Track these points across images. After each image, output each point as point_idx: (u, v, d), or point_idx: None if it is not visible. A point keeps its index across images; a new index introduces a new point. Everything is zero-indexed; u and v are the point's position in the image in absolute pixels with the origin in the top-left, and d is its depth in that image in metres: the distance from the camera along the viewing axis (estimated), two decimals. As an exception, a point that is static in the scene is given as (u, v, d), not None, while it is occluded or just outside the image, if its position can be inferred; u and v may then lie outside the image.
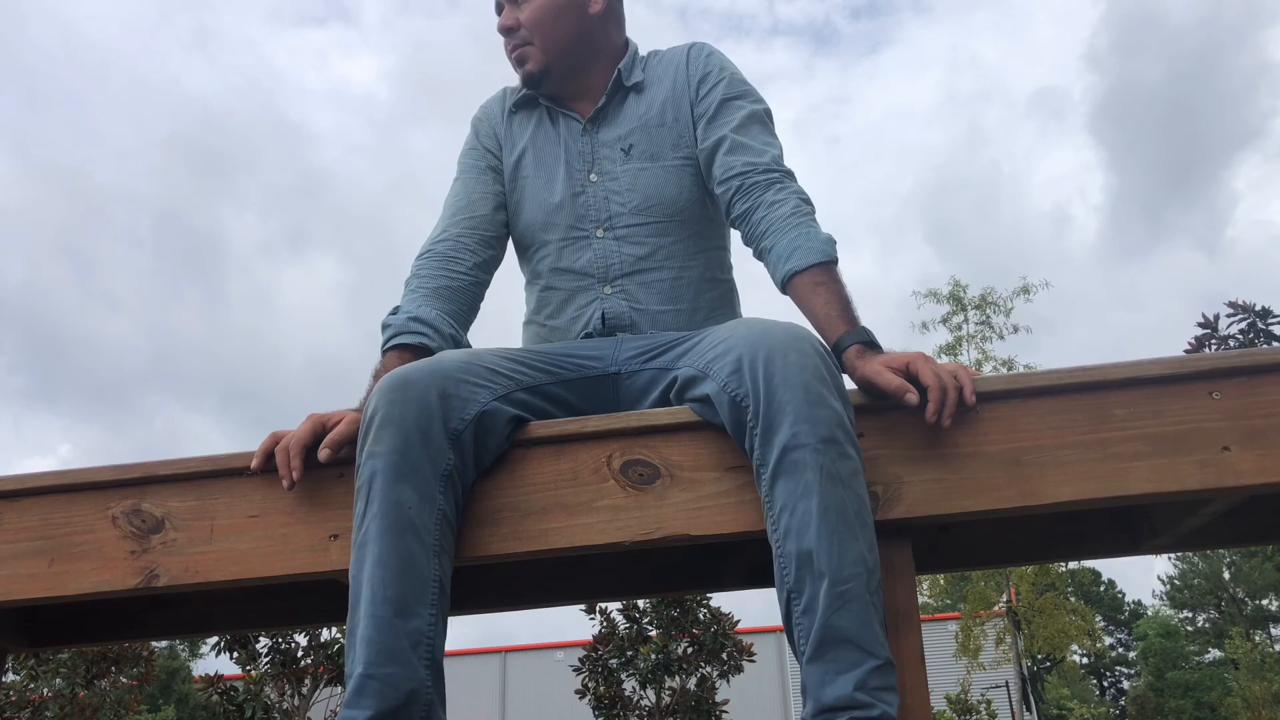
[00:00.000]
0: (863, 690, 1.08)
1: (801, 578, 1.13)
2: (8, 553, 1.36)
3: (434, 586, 1.19)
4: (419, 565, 1.19)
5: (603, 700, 9.86)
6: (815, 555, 1.12)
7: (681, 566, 1.71)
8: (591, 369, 1.46)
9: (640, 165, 1.58)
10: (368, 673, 1.13)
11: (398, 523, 1.19)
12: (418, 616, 1.17)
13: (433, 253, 1.60)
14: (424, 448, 1.22)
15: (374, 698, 1.12)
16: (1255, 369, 1.25)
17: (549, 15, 1.60)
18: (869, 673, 1.09)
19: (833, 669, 1.10)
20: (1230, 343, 7.31)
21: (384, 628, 1.15)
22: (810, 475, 1.14)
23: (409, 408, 1.23)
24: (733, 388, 1.21)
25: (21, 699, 8.89)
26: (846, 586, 1.11)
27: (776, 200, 1.46)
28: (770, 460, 1.17)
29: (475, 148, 1.70)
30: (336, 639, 9.18)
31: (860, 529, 1.15)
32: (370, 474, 1.22)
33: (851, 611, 1.11)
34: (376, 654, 1.13)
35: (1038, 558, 1.71)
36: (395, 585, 1.16)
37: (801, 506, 1.14)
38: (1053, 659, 28.27)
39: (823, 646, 1.10)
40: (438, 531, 1.22)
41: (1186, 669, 36.80)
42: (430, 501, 1.22)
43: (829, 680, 1.09)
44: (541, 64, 1.61)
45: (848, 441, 1.17)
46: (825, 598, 1.11)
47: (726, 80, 1.61)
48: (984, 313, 15.34)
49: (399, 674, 1.13)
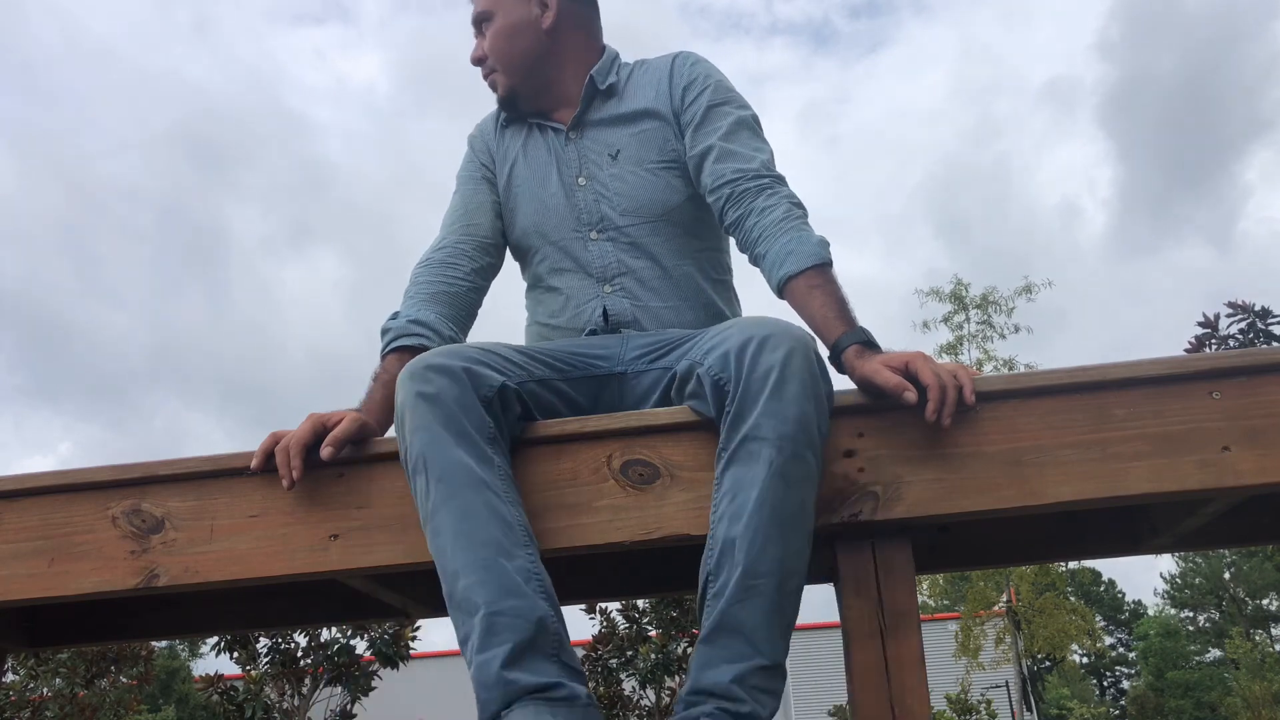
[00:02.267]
0: (740, 684, 1.09)
1: (721, 563, 1.15)
2: (8, 553, 1.36)
3: (522, 531, 1.19)
4: (501, 513, 1.18)
5: (602, 700, 9.86)
6: (737, 544, 1.13)
7: (681, 566, 1.71)
8: (598, 368, 1.47)
9: (627, 169, 1.59)
10: (492, 610, 1.11)
11: (465, 480, 1.18)
12: (518, 557, 1.16)
13: (431, 260, 1.62)
14: (464, 414, 1.22)
15: (507, 631, 1.10)
16: (1255, 369, 1.25)
17: (504, 40, 1.65)
18: (752, 670, 1.10)
19: (718, 655, 1.11)
20: (1230, 343, 7.31)
21: (491, 568, 1.13)
22: (759, 469, 1.15)
23: (439, 382, 1.23)
24: (716, 371, 1.22)
25: (21, 699, 8.89)
26: (757, 581, 1.12)
27: (768, 206, 1.47)
28: (730, 445, 1.19)
29: (471, 161, 1.74)
30: (336, 639, 9.17)
31: (790, 533, 1.15)
32: (421, 448, 1.21)
33: (754, 605, 1.12)
34: (494, 592, 1.12)
35: (1038, 558, 1.71)
36: (485, 531, 1.16)
37: (742, 496, 1.15)
38: (1053, 659, 28.27)
39: (717, 631, 1.12)
40: (504, 485, 1.22)
41: (1186, 669, 36.79)
42: (487, 460, 1.21)
43: (712, 665, 1.11)
44: (507, 87, 1.67)
45: (807, 446, 1.17)
46: (734, 586, 1.12)
47: (712, 87, 1.61)
48: (985, 312, 15.32)
49: (523, 605, 1.12)
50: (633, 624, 10.05)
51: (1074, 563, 14.61)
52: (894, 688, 1.20)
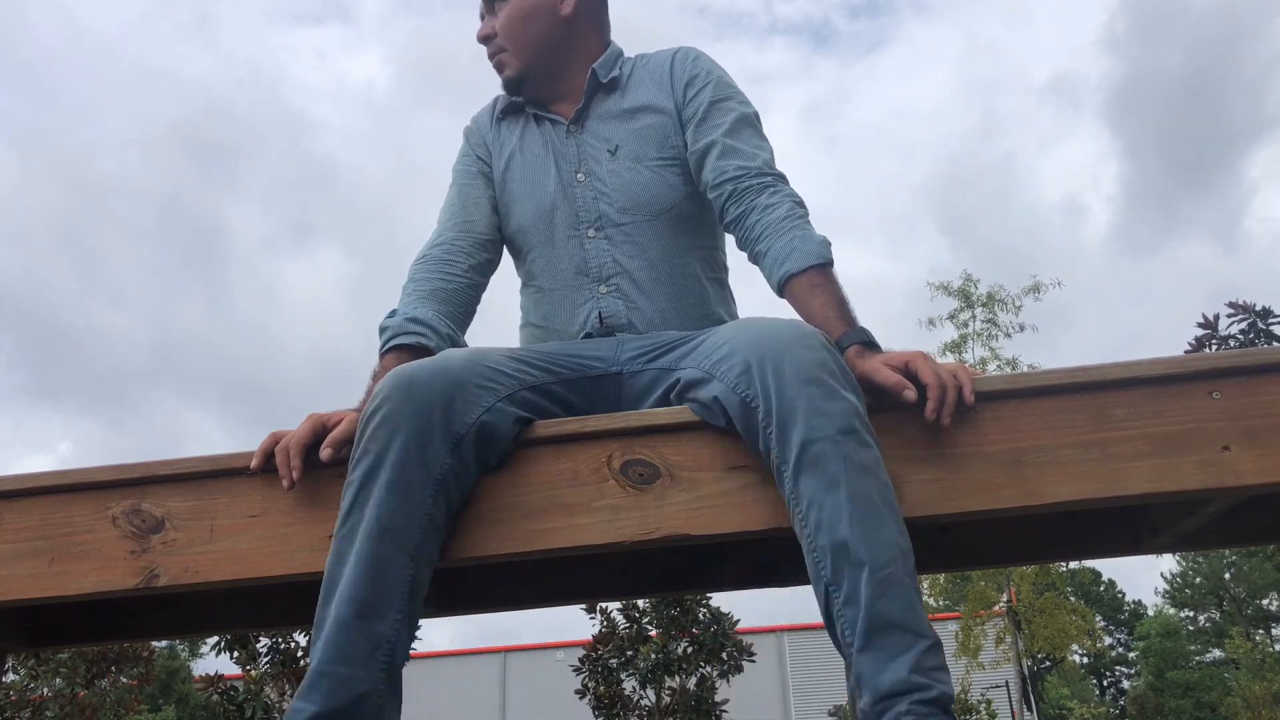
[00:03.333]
0: (919, 672, 1.08)
1: (839, 569, 1.13)
2: (8, 553, 1.36)
3: (404, 591, 1.20)
4: (393, 569, 1.19)
5: (603, 700, 9.86)
6: (851, 545, 1.12)
7: (681, 566, 1.71)
8: (594, 369, 1.46)
9: (626, 165, 1.59)
10: (321, 669, 1.14)
11: (378, 526, 1.19)
12: (383, 621, 1.17)
13: (428, 257, 1.61)
14: (420, 451, 1.22)
15: (323, 694, 1.13)
16: (1255, 369, 1.25)
17: (519, 20, 1.63)
18: (922, 654, 1.09)
19: (885, 655, 1.09)
20: (1230, 342, 7.31)
21: (345, 629, 1.16)
22: (834, 467, 1.14)
23: (410, 409, 1.23)
24: (742, 388, 1.21)
25: (21, 699, 8.88)
26: (886, 572, 1.11)
27: (770, 204, 1.47)
28: (791, 457, 1.17)
29: (467, 155, 1.72)
30: (337, 639, 9.16)
31: (890, 514, 1.15)
32: (363, 473, 1.22)
33: (894, 596, 1.11)
34: (334, 653, 1.15)
35: (1038, 558, 1.71)
36: (365, 587, 1.17)
37: (830, 499, 1.14)
38: (1053, 659, 28.27)
39: (872, 635, 1.10)
40: (420, 536, 1.22)
41: (1186, 669, 36.79)
42: (418, 506, 1.22)
43: (883, 667, 1.09)
44: (517, 69, 1.64)
45: (865, 430, 1.18)
46: (867, 586, 1.11)
47: (714, 83, 1.61)
48: (991, 310, 15.28)
49: (352, 675, 1.14)
50: (633, 624, 10.05)
51: (1074, 563, 14.61)
52: (894, 688, 1.20)
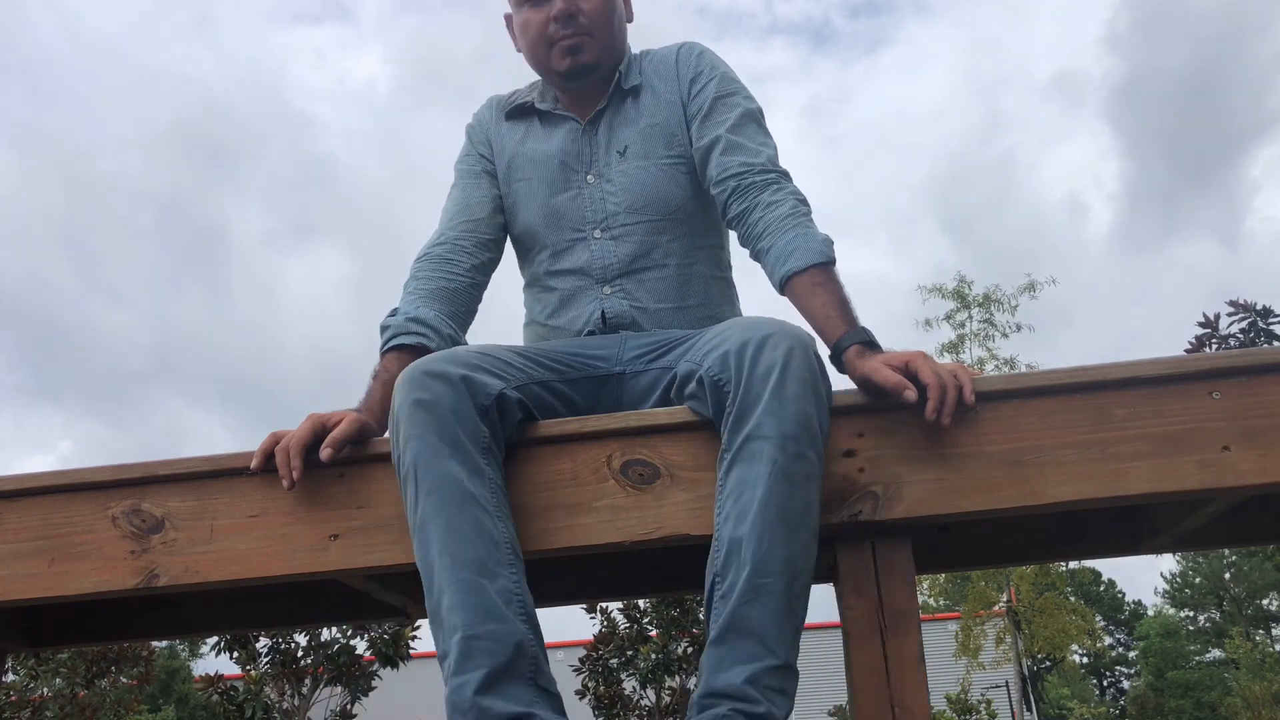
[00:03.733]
0: (754, 685, 1.08)
1: (728, 564, 1.14)
2: (8, 553, 1.36)
3: (507, 549, 1.19)
4: (487, 530, 1.18)
5: (603, 700, 9.85)
6: (744, 544, 1.13)
7: (681, 566, 1.71)
8: (597, 368, 1.46)
9: (634, 165, 1.58)
10: (470, 633, 1.11)
11: (454, 495, 1.18)
12: (501, 577, 1.16)
13: (430, 255, 1.60)
14: (459, 424, 1.22)
15: (484, 655, 1.10)
16: (1255, 369, 1.25)
17: (608, 13, 1.60)
18: (765, 670, 1.09)
19: (730, 657, 1.10)
20: (1230, 342, 7.31)
21: (473, 589, 1.13)
22: (763, 467, 1.15)
23: (436, 389, 1.23)
24: (716, 371, 1.22)
25: (21, 699, 8.88)
26: (765, 581, 1.12)
27: (774, 201, 1.46)
28: (733, 446, 1.18)
29: (470, 153, 1.71)
30: (336, 639, 9.17)
31: (797, 531, 1.15)
32: (413, 457, 1.21)
33: (764, 605, 1.11)
34: (473, 614, 1.12)
35: (1038, 558, 1.71)
36: (470, 550, 1.15)
37: (746, 495, 1.15)
38: (1053, 659, 28.27)
39: (727, 632, 1.11)
40: (494, 499, 1.21)
41: (1186, 669, 36.77)
42: (478, 472, 1.21)
43: (724, 667, 1.10)
44: (597, 58, 1.60)
45: (809, 444, 1.17)
46: (742, 586, 1.12)
47: (718, 79, 1.61)
48: (988, 310, 15.28)
49: (501, 629, 1.12)
50: (633, 624, 10.04)
51: (1074, 563, 14.61)
52: (894, 687, 1.20)
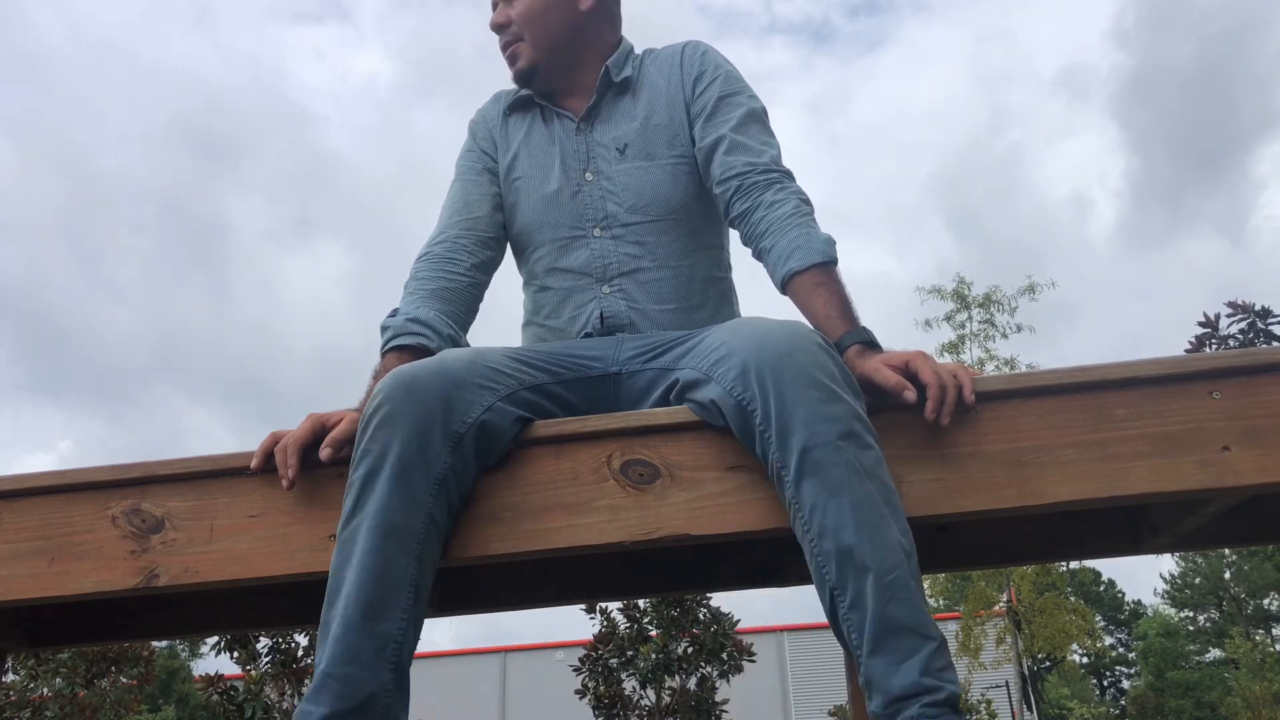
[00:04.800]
0: (928, 674, 1.09)
1: (844, 574, 1.13)
2: (8, 553, 1.36)
3: (409, 592, 1.20)
4: (397, 570, 1.19)
5: (603, 700, 9.85)
6: (856, 551, 1.12)
7: (681, 566, 1.71)
8: (592, 369, 1.46)
9: (635, 164, 1.58)
10: (329, 671, 1.14)
11: (383, 525, 1.19)
12: (388, 621, 1.17)
13: (431, 254, 1.60)
14: (421, 451, 1.22)
15: (331, 696, 1.13)
16: (1255, 369, 1.25)
17: (539, 11, 1.60)
18: (930, 655, 1.10)
19: (894, 659, 1.10)
20: (1230, 342, 7.31)
21: (352, 629, 1.15)
22: (836, 472, 1.14)
23: (410, 408, 1.23)
24: (739, 392, 1.21)
25: (21, 699, 8.88)
26: (892, 576, 1.12)
27: (776, 200, 1.46)
28: (791, 462, 1.17)
29: (472, 150, 1.71)
30: (337, 639, 9.17)
31: (893, 516, 1.15)
32: (365, 473, 1.22)
33: (901, 600, 1.11)
34: (341, 654, 1.15)
35: (1038, 558, 1.71)
36: (370, 588, 1.17)
37: (833, 505, 1.14)
38: (1053, 659, 28.26)
39: (881, 639, 1.11)
40: (422, 535, 1.22)
41: (1186, 669, 36.78)
42: (419, 505, 1.22)
43: (893, 670, 1.10)
44: (532, 60, 1.62)
45: (866, 433, 1.18)
46: (873, 591, 1.11)
47: (723, 78, 1.60)
48: (988, 311, 15.29)
49: (360, 675, 1.14)
50: (633, 624, 10.04)
51: (1074, 563, 14.60)
52: (894, 688, 1.20)
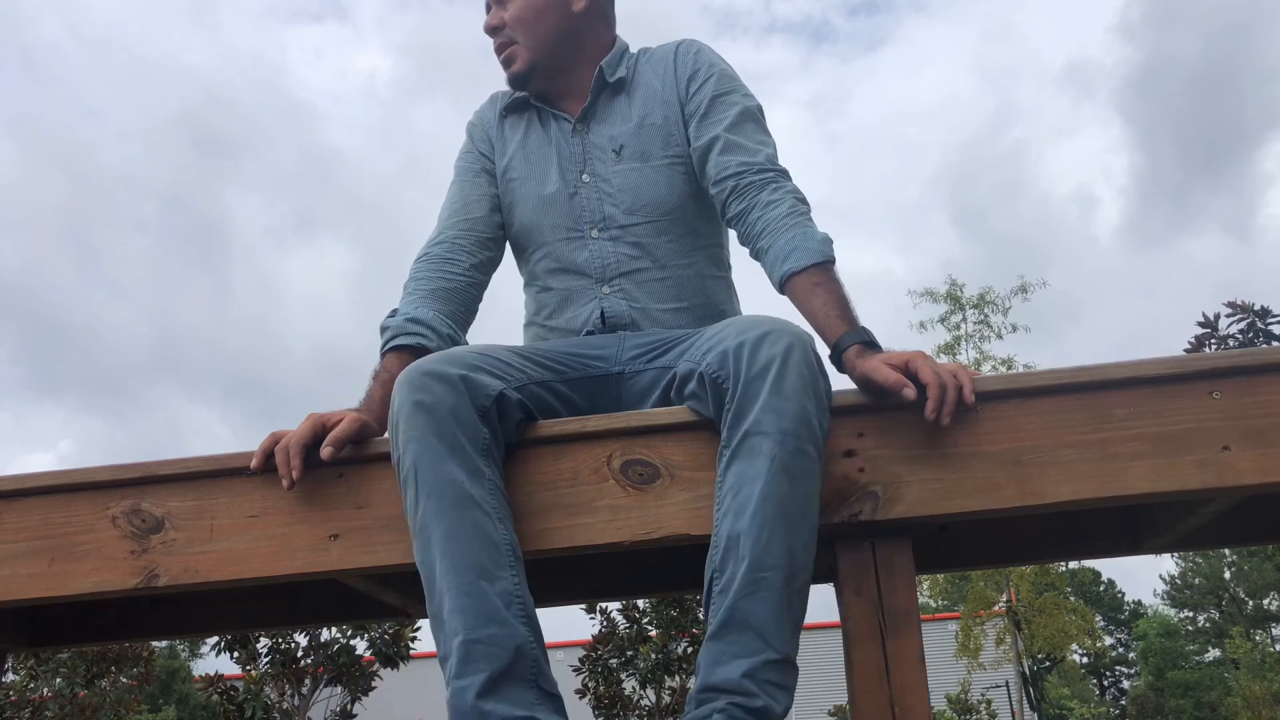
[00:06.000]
0: (752, 679, 1.08)
1: (726, 558, 1.14)
2: (8, 553, 1.36)
3: (507, 551, 1.19)
4: (487, 533, 1.18)
5: (603, 700, 9.85)
6: (742, 538, 1.13)
7: (681, 566, 1.71)
8: (596, 368, 1.46)
9: (631, 166, 1.58)
10: (470, 638, 1.12)
11: (455, 498, 1.18)
12: (501, 579, 1.16)
13: (430, 255, 1.60)
14: (459, 426, 1.22)
15: (484, 660, 1.11)
16: (1255, 369, 1.25)
17: (532, 14, 1.61)
18: (763, 664, 1.09)
19: (728, 651, 1.10)
20: (1230, 342, 7.32)
21: (473, 593, 1.14)
22: (762, 462, 1.15)
23: (436, 390, 1.23)
24: (715, 368, 1.23)
25: (21, 699, 8.88)
26: (764, 575, 1.12)
27: (772, 200, 1.46)
28: (732, 442, 1.19)
29: (470, 151, 1.71)
30: (336, 639, 9.17)
31: (797, 526, 1.15)
32: (413, 459, 1.21)
33: (762, 600, 1.11)
34: (474, 618, 1.13)
35: (1038, 558, 1.71)
36: (471, 553, 1.16)
37: (745, 490, 1.15)
38: (1053, 659, 28.27)
39: (725, 627, 1.11)
40: (494, 501, 1.22)
41: (1186, 669, 36.77)
42: (478, 474, 1.22)
43: (722, 661, 1.10)
44: (526, 62, 1.62)
45: (809, 439, 1.17)
46: (740, 580, 1.12)
47: (716, 77, 1.60)
48: (982, 312, 15.31)
49: (501, 633, 1.12)
50: (633, 624, 10.05)
51: (1074, 563, 14.60)
52: (894, 687, 1.20)
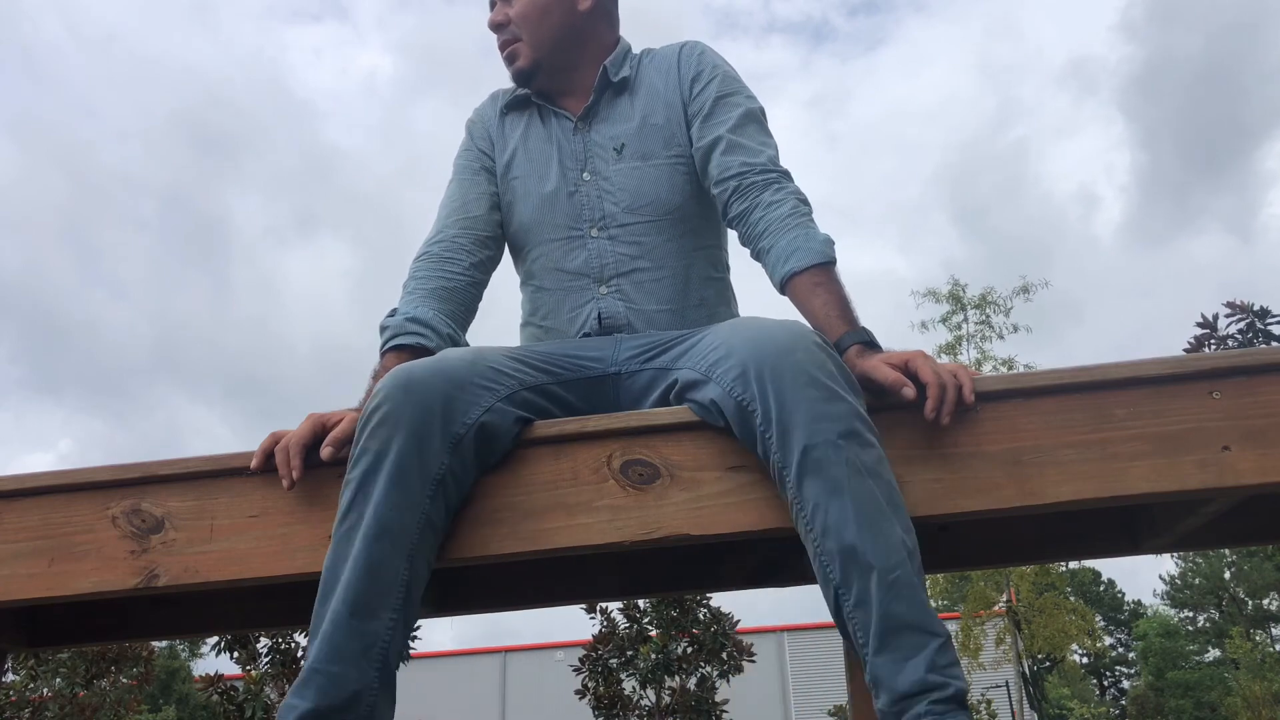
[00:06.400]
0: (934, 671, 1.09)
1: (849, 573, 1.13)
2: (8, 553, 1.36)
3: (400, 591, 1.20)
4: (389, 569, 1.19)
5: (603, 700, 9.86)
6: (859, 549, 1.12)
7: (681, 566, 1.71)
8: (592, 370, 1.46)
9: (632, 165, 1.58)
10: (315, 667, 1.15)
11: (377, 525, 1.19)
12: (377, 620, 1.18)
13: (429, 254, 1.60)
14: (419, 452, 1.22)
15: (317, 691, 1.14)
16: (1255, 369, 1.25)
17: (537, 11, 1.61)
18: (935, 652, 1.10)
19: (900, 656, 1.10)
20: (1229, 343, 7.32)
21: (340, 628, 1.16)
22: (837, 471, 1.14)
23: (409, 409, 1.23)
24: (738, 392, 1.21)
25: (21, 699, 8.88)
26: (896, 574, 1.12)
27: (774, 200, 1.46)
28: (793, 462, 1.17)
29: (469, 149, 1.71)
30: (336, 639, 9.17)
31: (895, 514, 1.15)
32: (362, 472, 1.22)
33: (905, 597, 1.11)
34: (328, 651, 1.15)
35: (1038, 558, 1.71)
36: (360, 587, 1.17)
37: (835, 504, 1.14)
38: (1053, 659, 28.27)
39: (886, 636, 1.11)
40: (417, 536, 1.22)
41: (1186, 669, 36.78)
42: (415, 506, 1.22)
43: (899, 668, 1.10)
44: (530, 60, 1.62)
45: (867, 430, 1.18)
46: (878, 589, 1.11)
47: (720, 78, 1.60)
48: (984, 312, 15.32)
49: (346, 674, 1.15)
50: (633, 624, 10.06)
51: (1074, 563, 14.60)
52: (894, 688, 1.20)
